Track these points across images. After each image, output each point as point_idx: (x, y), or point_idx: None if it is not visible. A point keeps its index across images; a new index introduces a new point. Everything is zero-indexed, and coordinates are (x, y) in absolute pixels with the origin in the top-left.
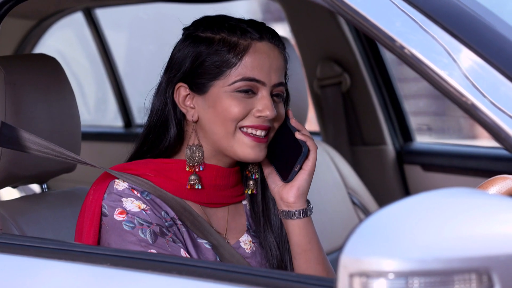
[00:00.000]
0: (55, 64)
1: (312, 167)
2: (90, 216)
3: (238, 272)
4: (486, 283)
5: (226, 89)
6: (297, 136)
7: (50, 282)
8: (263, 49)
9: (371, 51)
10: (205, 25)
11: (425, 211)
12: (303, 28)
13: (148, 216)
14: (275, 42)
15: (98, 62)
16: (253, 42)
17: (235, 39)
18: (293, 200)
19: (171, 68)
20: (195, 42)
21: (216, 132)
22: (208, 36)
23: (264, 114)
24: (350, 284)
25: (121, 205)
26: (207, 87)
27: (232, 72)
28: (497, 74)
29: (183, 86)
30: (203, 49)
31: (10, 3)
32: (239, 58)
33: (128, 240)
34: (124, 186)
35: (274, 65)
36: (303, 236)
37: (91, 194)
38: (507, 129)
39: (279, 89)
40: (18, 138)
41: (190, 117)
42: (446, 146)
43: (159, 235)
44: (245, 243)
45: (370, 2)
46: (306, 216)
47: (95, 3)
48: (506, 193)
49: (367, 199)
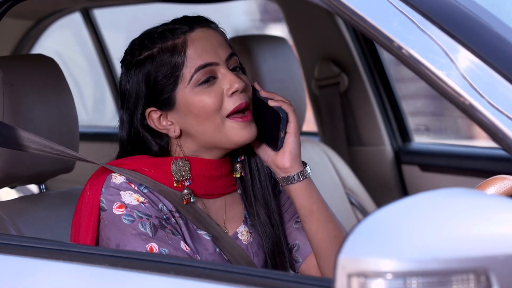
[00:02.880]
0: (53, 64)
1: (296, 127)
2: (88, 212)
3: (237, 273)
4: (484, 283)
5: (189, 89)
6: (270, 104)
7: (48, 282)
8: (199, 36)
9: (369, 51)
10: (138, 47)
11: (423, 211)
12: (301, 29)
13: (147, 209)
14: (205, 24)
15: (96, 63)
16: (187, 35)
17: (171, 42)
18: (289, 165)
19: (127, 101)
20: (138, 66)
21: (206, 131)
22: (147, 54)
23: (234, 89)
24: (348, 284)
25: (120, 198)
26: (173, 99)
27: (185, 70)
28: (495, 74)
29: (153, 110)
30: (149, 68)
31: (8, 3)
32: (184, 55)
33: (128, 234)
34: (122, 179)
35: (215, 43)
36: (307, 198)
37: (88, 190)
38: (505, 129)
39: (233, 60)
40: (16, 137)
41: (172, 134)
42: (444, 147)
43: (158, 227)
44: (242, 234)
45: (368, 2)
46: (305, 177)
47: (93, 4)
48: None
49: (365, 200)
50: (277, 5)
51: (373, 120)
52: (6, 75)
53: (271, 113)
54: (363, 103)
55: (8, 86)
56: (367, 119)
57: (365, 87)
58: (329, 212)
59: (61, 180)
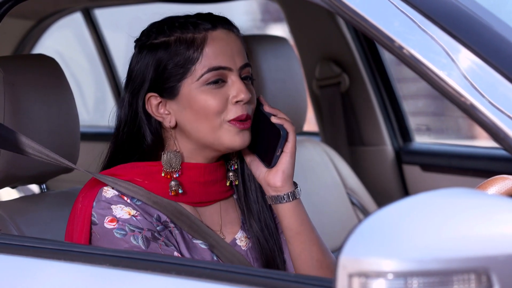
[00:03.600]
0: (54, 64)
1: (293, 148)
2: (80, 224)
3: (237, 272)
4: (485, 283)
5: (196, 85)
6: (273, 120)
7: (49, 282)
8: (220, 37)
9: (370, 51)
10: (156, 31)
11: (424, 211)
12: (302, 28)
13: (139, 222)
14: (228, 28)
15: (97, 63)
16: (208, 33)
17: (190, 35)
18: (280, 184)
19: (132, 81)
20: (151, 50)
21: (200, 129)
22: (163, 40)
23: (239, 98)
24: (349, 284)
25: (111, 212)
26: (177, 89)
27: (197, 66)
28: (496, 74)
29: (153, 96)
30: (162, 54)
31: (9, 3)
32: (200, 52)
33: (120, 247)
34: (113, 193)
35: (235, 49)
36: (295, 219)
37: (80, 202)
38: (506, 129)
39: (246, 70)
40: (15, 140)
41: (167, 124)
42: (445, 146)
43: (151, 240)
44: (241, 240)
45: (369, 2)
46: (295, 198)
47: (94, 4)
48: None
49: (366, 200)
50: (278, 5)
51: (374, 120)
52: (7, 75)
53: (271, 129)
54: (364, 103)
55: (9, 86)
56: (368, 119)
57: (366, 87)
58: (315, 235)
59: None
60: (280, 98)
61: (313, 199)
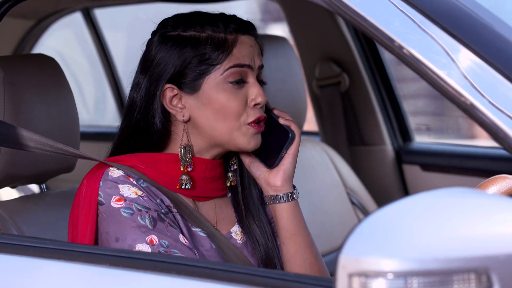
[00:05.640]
0: (54, 64)
1: (296, 150)
2: (86, 207)
3: (237, 272)
4: (485, 283)
5: (219, 81)
6: (281, 122)
7: (49, 282)
8: (247, 40)
9: (370, 51)
10: (185, 24)
11: (424, 211)
12: (302, 28)
13: (146, 202)
14: (253, 32)
15: (97, 62)
16: (239, 35)
17: (222, 35)
18: (280, 184)
19: (153, 68)
20: (179, 43)
21: (217, 128)
22: (193, 35)
23: (258, 101)
24: (349, 284)
25: (118, 191)
26: (198, 85)
27: (223, 65)
28: (496, 74)
29: (170, 87)
30: (190, 49)
31: (9, 3)
32: (229, 53)
33: (128, 226)
34: (120, 173)
35: (255, 51)
36: (291, 220)
37: (85, 185)
38: (506, 129)
39: (261, 72)
40: (15, 136)
41: (181, 118)
42: (445, 146)
43: (158, 220)
44: (236, 234)
45: (369, 2)
46: (293, 199)
47: (94, 3)
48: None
49: (366, 199)
50: (278, 4)
51: (374, 119)
52: (7, 75)
53: (278, 131)
54: (364, 103)
55: (9, 86)
56: (368, 118)
57: (366, 87)
58: (310, 238)
59: (62, 180)
60: (280, 98)
61: (313, 199)
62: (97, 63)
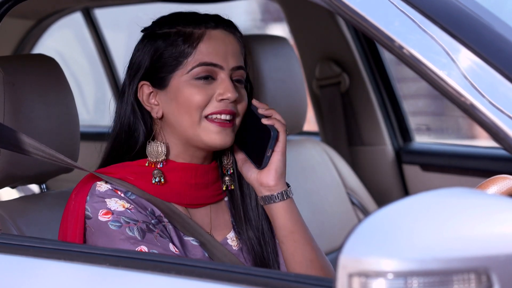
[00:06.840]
0: (54, 64)
1: (283, 147)
2: (73, 220)
3: (237, 272)
4: (485, 283)
5: (185, 78)
6: (263, 121)
7: (49, 282)
8: (217, 36)
9: (370, 51)
10: (162, 22)
11: (424, 211)
12: (302, 28)
13: (133, 214)
14: (230, 30)
15: (97, 62)
16: (207, 30)
17: (190, 29)
18: (273, 183)
19: (130, 68)
20: (152, 39)
21: (181, 123)
22: (165, 31)
23: (225, 96)
24: (349, 284)
25: (105, 205)
26: (167, 80)
27: (189, 60)
28: (496, 74)
29: (146, 84)
30: (160, 44)
31: (9, 3)
32: (194, 47)
33: (117, 239)
34: (107, 187)
35: (230, 50)
36: (288, 219)
37: (73, 198)
38: (506, 129)
39: (239, 73)
40: (15, 139)
41: (154, 114)
42: (445, 146)
43: (146, 231)
44: (232, 240)
45: (369, 2)
46: (288, 197)
47: (94, 3)
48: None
49: (366, 199)
50: (278, 4)
51: (374, 119)
52: (7, 75)
53: (262, 130)
54: (364, 103)
55: (9, 86)
56: (368, 118)
57: (366, 87)
58: (308, 235)
59: (62, 180)
60: (280, 98)
61: (313, 199)
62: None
